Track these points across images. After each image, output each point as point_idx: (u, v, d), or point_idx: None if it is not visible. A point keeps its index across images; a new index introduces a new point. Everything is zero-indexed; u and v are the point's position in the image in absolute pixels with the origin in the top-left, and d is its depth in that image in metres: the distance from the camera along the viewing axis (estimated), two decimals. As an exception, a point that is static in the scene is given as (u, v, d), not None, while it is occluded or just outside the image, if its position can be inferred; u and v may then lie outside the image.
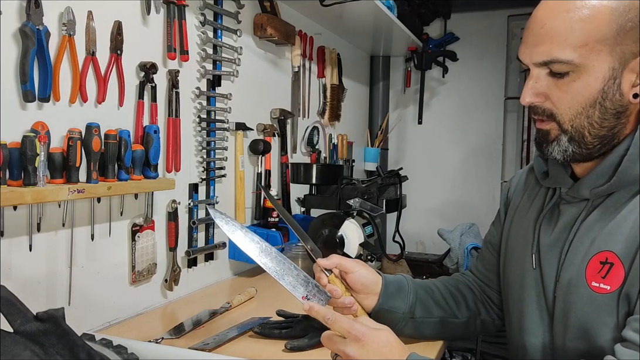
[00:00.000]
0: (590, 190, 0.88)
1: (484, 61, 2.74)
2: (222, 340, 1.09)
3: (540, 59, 0.82)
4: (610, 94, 0.81)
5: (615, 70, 0.80)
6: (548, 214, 0.96)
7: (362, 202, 1.54)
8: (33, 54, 0.97)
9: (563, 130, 0.85)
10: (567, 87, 0.82)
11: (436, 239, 2.02)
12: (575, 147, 0.85)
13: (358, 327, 0.82)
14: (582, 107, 0.82)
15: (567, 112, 0.83)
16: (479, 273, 1.17)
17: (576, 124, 0.83)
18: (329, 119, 2.31)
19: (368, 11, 1.98)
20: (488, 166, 2.77)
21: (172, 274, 1.37)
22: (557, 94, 0.83)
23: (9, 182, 0.95)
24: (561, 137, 0.85)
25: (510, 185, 1.14)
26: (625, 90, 0.81)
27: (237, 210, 1.64)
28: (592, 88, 0.80)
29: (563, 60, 0.80)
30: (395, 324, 1.03)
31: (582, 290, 0.86)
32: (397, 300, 1.03)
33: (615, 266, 0.83)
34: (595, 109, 0.82)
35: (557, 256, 0.92)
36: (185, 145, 1.40)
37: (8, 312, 0.68)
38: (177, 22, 1.33)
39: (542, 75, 0.83)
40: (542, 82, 0.84)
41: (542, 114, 0.86)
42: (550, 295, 0.93)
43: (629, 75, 0.80)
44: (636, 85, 0.81)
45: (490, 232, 1.17)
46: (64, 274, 1.09)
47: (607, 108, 0.82)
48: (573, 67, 0.80)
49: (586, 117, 0.82)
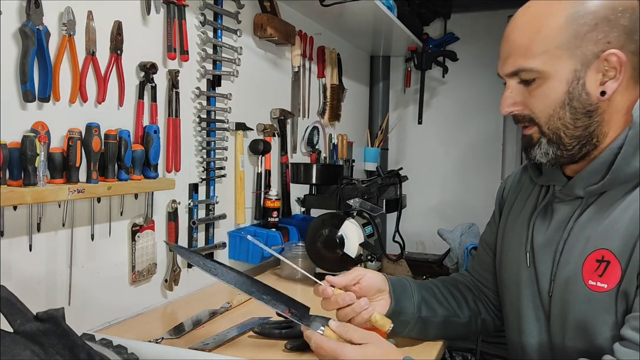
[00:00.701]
0: (584, 188, 0.89)
1: (484, 61, 2.73)
2: (222, 340, 1.09)
3: (509, 69, 0.88)
4: (577, 94, 0.85)
5: (578, 72, 0.84)
6: (541, 213, 0.97)
7: (362, 202, 1.54)
8: (33, 54, 0.97)
9: (542, 133, 0.89)
10: (536, 92, 0.87)
11: (436, 239, 2.02)
12: (555, 148, 0.89)
13: (342, 351, 0.84)
14: (553, 110, 0.87)
15: (542, 115, 0.88)
16: (476, 273, 1.18)
17: (552, 125, 0.88)
18: (329, 119, 2.31)
19: (368, 11, 1.98)
20: (488, 166, 2.77)
21: (172, 274, 1.37)
22: (531, 100, 0.88)
23: (9, 182, 0.95)
24: (542, 140, 0.90)
25: (505, 185, 1.15)
26: (592, 90, 0.85)
27: (237, 210, 1.64)
28: (558, 91, 0.85)
29: (527, 68, 0.86)
30: (406, 325, 1.04)
31: (580, 289, 0.86)
32: (405, 300, 1.04)
33: (611, 264, 0.83)
34: (565, 110, 0.86)
35: (551, 255, 0.92)
36: (185, 145, 1.40)
37: (8, 312, 0.68)
38: (177, 22, 1.33)
39: (515, 84, 0.89)
40: (516, 91, 0.89)
41: (522, 121, 0.91)
42: (545, 294, 0.93)
43: (594, 75, 0.84)
44: (603, 82, 0.84)
45: (486, 231, 1.18)
46: (64, 274, 1.09)
47: (576, 108, 0.86)
48: (537, 73, 0.85)
49: (559, 119, 0.87)
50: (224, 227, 1.61)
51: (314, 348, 0.87)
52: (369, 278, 1.01)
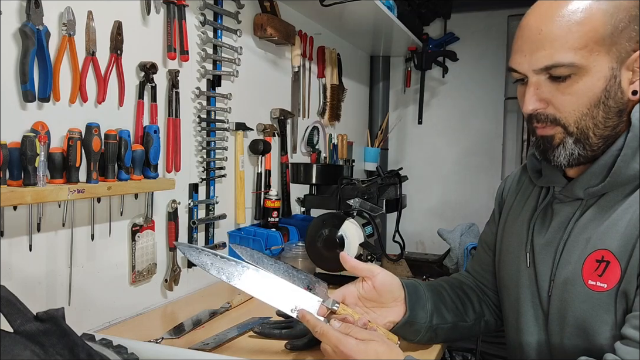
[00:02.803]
0: (584, 190, 0.88)
1: (484, 61, 2.74)
2: (222, 340, 1.09)
3: (542, 64, 0.82)
4: (613, 93, 0.82)
5: (615, 69, 0.82)
6: (542, 214, 0.97)
7: (362, 202, 1.54)
8: (33, 54, 0.97)
9: (569, 133, 0.85)
10: (570, 89, 0.82)
11: (436, 239, 2.02)
12: (581, 149, 0.85)
13: (345, 342, 0.83)
14: (587, 108, 0.83)
15: (571, 115, 0.84)
16: (476, 273, 1.18)
17: (582, 125, 0.84)
18: (329, 119, 2.31)
19: (368, 11, 1.98)
20: (488, 166, 2.77)
21: (172, 274, 1.37)
22: (560, 98, 0.83)
23: (9, 182, 0.95)
24: (567, 140, 0.86)
25: (504, 185, 1.14)
26: (625, 88, 0.83)
27: (237, 210, 1.64)
28: (596, 88, 0.82)
29: (565, 63, 0.81)
30: (417, 334, 1.03)
31: (579, 289, 0.87)
32: (419, 309, 1.02)
33: (611, 264, 0.83)
34: (599, 108, 0.83)
35: (551, 255, 0.92)
36: (185, 145, 1.40)
37: (8, 312, 0.68)
38: (177, 22, 1.33)
39: (543, 81, 0.84)
40: (544, 88, 0.84)
41: (545, 120, 0.86)
42: (544, 294, 0.93)
43: (626, 73, 0.83)
44: (633, 81, 0.83)
45: (485, 231, 1.18)
46: (64, 274, 1.09)
47: (610, 107, 0.83)
48: (575, 69, 0.81)
49: (591, 118, 0.83)
50: (224, 227, 1.61)
51: (319, 335, 0.86)
52: (384, 280, 0.98)
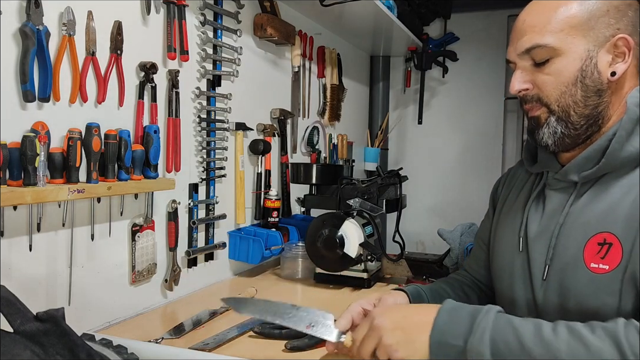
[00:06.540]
0: (579, 173, 0.91)
1: (484, 61, 2.74)
2: (222, 340, 1.09)
3: (523, 47, 0.91)
4: (589, 72, 0.89)
5: (591, 52, 0.89)
6: (535, 200, 0.99)
7: (362, 202, 1.54)
8: (33, 54, 0.97)
9: (551, 111, 0.92)
10: (549, 69, 0.90)
11: (436, 239, 2.02)
12: (563, 127, 0.91)
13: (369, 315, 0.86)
14: (565, 86, 0.90)
15: (552, 93, 0.91)
16: (472, 270, 1.19)
17: (562, 103, 0.91)
18: (329, 119, 2.31)
19: (368, 11, 1.98)
20: (488, 166, 2.76)
21: (172, 274, 1.37)
22: (542, 78, 0.91)
23: (9, 182, 0.95)
24: (550, 119, 0.92)
25: (499, 183, 1.18)
26: (603, 69, 0.89)
27: (237, 210, 1.64)
28: (572, 67, 0.89)
29: (543, 44, 0.89)
30: None
31: (581, 272, 0.88)
32: None
33: (614, 246, 0.85)
34: (577, 87, 0.89)
35: (546, 240, 0.94)
36: (185, 145, 1.40)
37: (8, 312, 0.68)
38: (177, 22, 1.33)
39: (528, 66, 0.93)
40: (528, 71, 0.93)
41: (531, 101, 0.94)
42: (538, 279, 0.94)
43: (605, 56, 0.89)
44: (612, 64, 0.89)
45: (481, 228, 1.20)
46: (64, 274, 1.09)
47: (587, 86, 0.89)
48: (552, 50, 0.89)
49: (570, 96, 0.90)
50: (224, 227, 1.61)
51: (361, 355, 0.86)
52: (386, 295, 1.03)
